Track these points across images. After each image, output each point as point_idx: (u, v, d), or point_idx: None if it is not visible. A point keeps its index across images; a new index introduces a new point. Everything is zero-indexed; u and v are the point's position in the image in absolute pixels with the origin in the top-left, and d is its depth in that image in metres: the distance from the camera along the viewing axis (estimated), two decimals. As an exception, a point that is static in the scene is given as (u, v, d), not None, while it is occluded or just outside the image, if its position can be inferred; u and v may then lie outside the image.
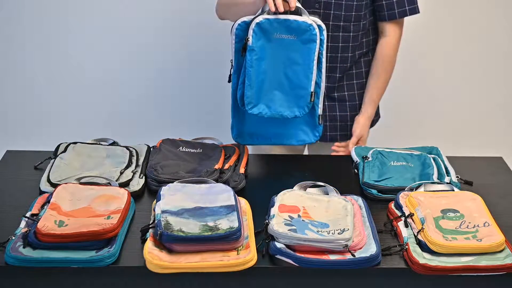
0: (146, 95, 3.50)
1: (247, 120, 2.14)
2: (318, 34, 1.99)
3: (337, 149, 2.33)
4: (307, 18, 1.99)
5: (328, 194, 1.89)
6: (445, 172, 2.05)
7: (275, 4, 1.94)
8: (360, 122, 2.34)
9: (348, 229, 1.69)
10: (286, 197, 1.84)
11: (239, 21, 2.02)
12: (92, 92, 3.50)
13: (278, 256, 1.64)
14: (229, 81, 2.10)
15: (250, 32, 1.99)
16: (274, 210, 1.76)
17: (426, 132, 3.57)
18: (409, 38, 3.43)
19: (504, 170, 2.20)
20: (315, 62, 2.01)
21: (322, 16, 2.24)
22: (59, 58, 3.42)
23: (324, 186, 1.91)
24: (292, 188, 1.89)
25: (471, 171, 2.13)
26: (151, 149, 2.18)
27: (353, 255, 1.64)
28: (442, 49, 3.46)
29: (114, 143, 2.20)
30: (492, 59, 3.50)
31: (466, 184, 2.06)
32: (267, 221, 1.71)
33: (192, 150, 2.16)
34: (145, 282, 1.64)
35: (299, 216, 1.76)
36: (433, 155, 2.16)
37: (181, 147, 2.17)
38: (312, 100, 2.04)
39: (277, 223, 1.70)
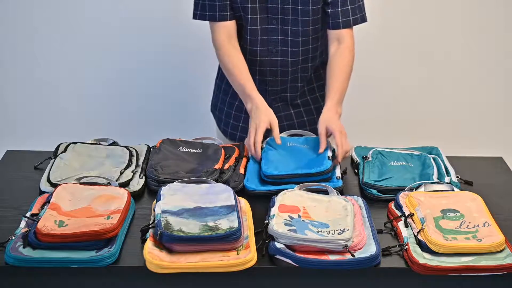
0: (146, 95, 3.51)
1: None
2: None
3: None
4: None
5: (328, 195, 1.89)
6: (445, 172, 2.05)
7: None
8: (319, 120, 2.11)
9: (348, 229, 1.69)
10: (286, 197, 1.84)
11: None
12: (92, 92, 3.50)
13: (277, 256, 1.64)
14: None
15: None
16: (274, 210, 1.76)
17: (426, 132, 3.57)
18: (409, 38, 3.43)
19: (504, 170, 2.20)
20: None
21: (280, 32, 2.23)
22: (59, 58, 3.42)
23: (324, 187, 1.91)
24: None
25: (471, 171, 2.13)
26: (151, 149, 2.18)
27: (352, 255, 1.64)
28: (442, 49, 3.46)
29: (114, 143, 2.20)
30: (493, 59, 3.50)
31: (466, 184, 2.06)
32: (267, 221, 1.71)
33: (192, 150, 2.16)
34: (145, 282, 1.64)
35: (299, 216, 1.76)
36: (433, 155, 2.16)
37: (181, 147, 2.17)
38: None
39: (277, 223, 1.70)
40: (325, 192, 1.90)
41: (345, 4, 2.20)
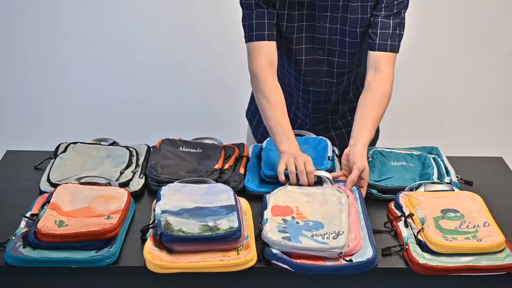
0: (146, 95, 3.51)
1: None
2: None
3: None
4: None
5: (322, 185, 1.88)
6: (445, 172, 2.05)
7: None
8: (358, 152, 1.94)
9: (343, 232, 1.68)
10: (278, 196, 1.83)
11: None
12: (92, 92, 3.50)
13: (274, 262, 1.63)
14: None
15: None
16: (267, 214, 1.75)
17: (426, 132, 3.57)
18: (410, 38, 3.43)
19: (504, 170, 2.20)
20: None
21: (326, 63, 2.14)
22: (59, 58, 3.42)
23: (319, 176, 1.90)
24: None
25: (471, 171, 2.13)
26: (151, 149, 2.18)
27: (349, 260, 1.63)
28: (442, 49, 3.46)
29: (114, 143, 2.20)
30: (493, 60, 3.50)
31: (466, 184, 2.06)
32: (260, 225, 1.70)
33: (192, 150, 2.16)
34: (145, 282, 1.64)
35: (292, 218, 1.75)
36: (433, 155, 2.16)
37: (181, 147, 2.17)
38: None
39: (270, 230, 1.68)
40: (319, 181, 1.90)
41: (386, 28, 2.05)
